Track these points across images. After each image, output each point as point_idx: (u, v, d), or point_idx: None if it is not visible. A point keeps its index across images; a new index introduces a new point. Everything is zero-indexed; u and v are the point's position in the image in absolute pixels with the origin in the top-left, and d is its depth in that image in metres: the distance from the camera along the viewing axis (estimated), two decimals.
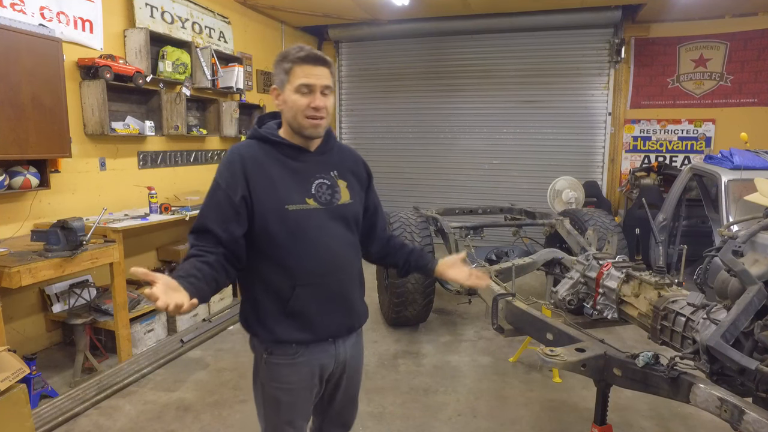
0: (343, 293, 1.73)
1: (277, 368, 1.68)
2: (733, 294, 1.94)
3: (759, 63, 6.85)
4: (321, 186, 1.68)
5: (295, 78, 1.59)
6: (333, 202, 1.69)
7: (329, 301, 1.69)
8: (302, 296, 1.64)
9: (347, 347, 1.78)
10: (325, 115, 1.63)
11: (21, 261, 3.08)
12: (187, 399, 3.40)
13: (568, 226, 4.54)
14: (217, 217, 1.57)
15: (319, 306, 1.67)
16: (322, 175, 1.69)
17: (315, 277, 1.65)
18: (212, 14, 5.84)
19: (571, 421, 3.14)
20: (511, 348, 4.16)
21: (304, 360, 1.69)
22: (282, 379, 1.68)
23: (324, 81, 1.61)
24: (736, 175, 4.02)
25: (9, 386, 2.35)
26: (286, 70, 1.61)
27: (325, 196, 1.67)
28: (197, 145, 5.72)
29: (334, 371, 1.78)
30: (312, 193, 1.65)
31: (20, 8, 3.66)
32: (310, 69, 1.59)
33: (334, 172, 1.73)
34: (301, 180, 1.66)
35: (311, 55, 1.60)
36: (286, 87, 1.61)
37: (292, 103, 1.60)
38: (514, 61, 7.76)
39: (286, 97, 1.62)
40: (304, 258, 1.63)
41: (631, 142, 7.53)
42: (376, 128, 8.46)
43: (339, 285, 1.71)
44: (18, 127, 3.37)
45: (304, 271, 1.63)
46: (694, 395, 1.74)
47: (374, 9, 6.89)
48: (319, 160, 1.72)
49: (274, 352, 1.68)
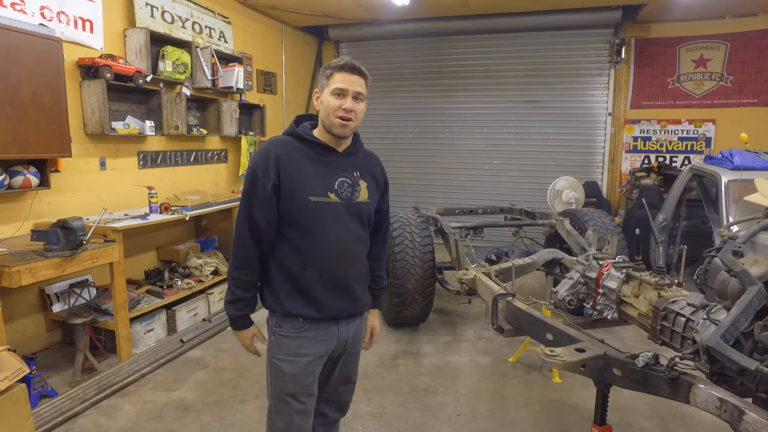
0: (348, 282, 1.91)
1: (285, 340, 1.88)
2: (733, 294, 1.94)
3: (759, 63, 6.85)
4: (343, 183, 1.87)
5: (333, 82, 1.81)
6: (352, 199, 1.88)
7: (335, 287, 1.88)
8: (312, 278, 1.83)
9: (349, 329, 1.97)
10: (353, 118, 1.82)
11: (21, 260, 3.08)
12: (187, 399, 3.40)
13: (568, 227, 4.54)
14: (257, 201, 1.80)
15: (325, 289, 1.86)
16: (345, 174, 1.89)
17: (325, 262, 1.84)
18: (212, 14, 5.84)
19: (571, 422, 3.14)
20: (511, 348, 4.16)
21: (310, 335, 1.88)
22: (288, 351, 1.87)
23: (357, 88, 1.81)
24: (736, 176, 4.02)
25: (9, 386, 2.35)
26: (327, 75, 1.83)
27: (345, 192, 1.87)
28: (197, 145, 5.72)
29: (336, 349, 1.96)
30: (334, 189, 1.85)
31: (20, 8, 3.66)
32: (346, 76, 1.80)
33: (356, 173, 1.92)
34: (326, 175, 1.85)
35: (349, 64, 1.82)
36: (325, 90, 1.83)
37: (327, 104, 1.81)
38: (515, 61, 7.76)
39: (323, 98, 1.84)
40: (318, 244, 1.83)
41: (631, 143, 7.53)
42: (377, 128, 8.45)
43: (344, 274, 1.89)
44: (18, 127, 3.37)
45: (316, 256, 1.83)
46: (694, 395, 1.74)
47: (374, 9, 6.89)
48: (345, 160, 1.91)
49: (283, 325, 1.88)
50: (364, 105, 1.87)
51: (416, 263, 4.22)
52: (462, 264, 4.20)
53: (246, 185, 1.85)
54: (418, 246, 4.28)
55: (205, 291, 4.94)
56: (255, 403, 3.34)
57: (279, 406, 1.92)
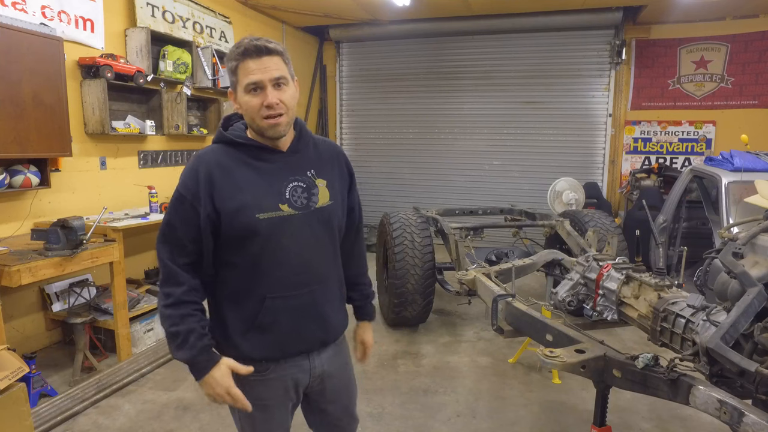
0: (317, 306, 1.60)
1: (249, 385, 1.55)
2: (733, 296, 1.94)
3: (760, 65, 6.85)
4: (296, 189, 1.53)
5: (242, 77, 1.44)
6: (310, 206, 1.55)
7: (302, 315, 1.57)
8: (272, 309, 1.52)
9: (323, 360, 1.67)
10: (283, 111, 1.47)
11: (21, 260, 3.08)
12: (187, 398, 3.40)
13: (568, 228, 4.54)
14: (187, 231, 1.47)
15: (290, 319, 1.55)
16: (296, 177, 1.55)
17: (287, 289, 1.53)
18: (213, 14, 5.84)
19: (571, 423, 3.14)
20: (510, 349, 4.16)
21: (276, 376, 1.59)
22: (255, 396, 1.56)
23: (273, 73, 1.44)
24: (737, 177, 4.02)
25: (8, 385, 2.35)
26: (232, 69, 1.47)
27: (300, 199, 1.53)
28: (198, 145, 5.71)
29: (311, 384, 1.67)
30: (286, 198, 1.51)
31: (21, 7, 3.66)
32: (254, 64, 1.42)
33: (311, 172, 1.59)
34: (273, 184, 1.51)
35: (250, 47, 1.42)
36: (237, 89, 1.48)
37: (246, 105, 1.46)
38: (515, 62, 7.76)
39: (239, 99, 1.49)
40: (276, 268, 1.51)
41: (632, 144, 7.53)
42: (377, 128, 8.46)
43: (312, 297, 1.58)
44: (19, 126, 3.37)
45: (275, 282, 1.52)
46: (694, 397, 1.74)
47: (375, 9, 6.89)
48: (293, 159, 1.57)
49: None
50: (291, 88, 1.50)
51: (416, 264, 4.22)
52: (462, 264, 4.20)
53: (170, 212, 1.49)
54: (418, 246, 4.28)
55: None
56: None
57: None
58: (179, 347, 1.47)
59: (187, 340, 1.46)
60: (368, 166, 8.47)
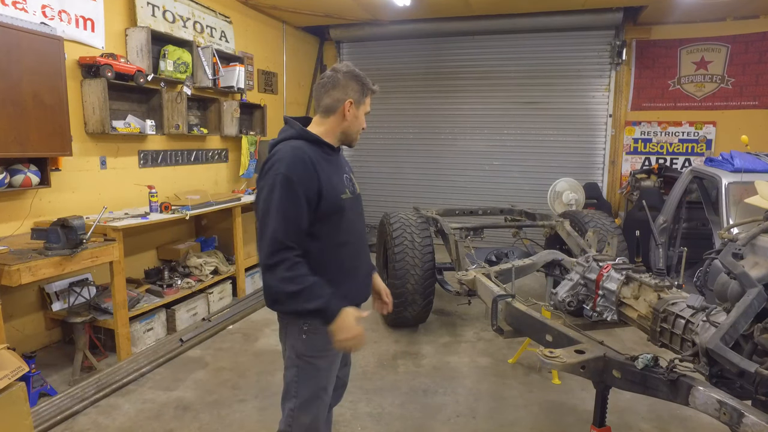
0: (366, 270, 2.11)
1: (316, 338, 1.88)
2: (733, 297, 1.94)
3: (760, 66, 6.85)
4: (349, 179, 2.02)
5: (368, 104, 2.01)
6: (356, 192, 2.04)
7: (360, 275, 2.06)
8: (344, 271, 1.95)
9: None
10: None
11: (21, 259, 3.08)
12: (186, 398, 3.40)
13: (568, 228, 4.54)
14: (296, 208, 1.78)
15: (353, 279, 2.01)
16: (346, 170, 2.05)
17: (353, 255, 2.00)
18: (214, 13, 5.84)
19: (570, 423, 3.14)
20: (510, 349, 4.16)
21: None
22: (322, 348, 1.90)
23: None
24: (737, 178, 4.02)
25: (8, 384, 2.35)
26: (365, 94, 1.98)
27: (352, 186, 2.02)
28: (198, 145, 5.72)
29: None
30: (345, 185, 1.97)
31: (22, 6, 3.66)
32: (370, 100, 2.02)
33: (348, 167, 2.10)
34: (339, 173, 1.97)
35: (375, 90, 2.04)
36: (360, 108, 1.98)
37: (357, 121, 1.98)
38: (515, 62, 7.76)
39: (358, 114, 1.98)
40: (349, 238, 1.95)
41: (632, 144, 7.53)
42: (377, 128, 8.45)
43: (365, 263, 2.09)
44: (19, 126, 3.37)
45: (347, 249, 1.95)
46: (694, 398, 1.74)
47: (376, 9, 6.89)
48: (340, 157, 2.06)
49: (313, 323, 1.86)
50: None
51: (416, 264, 4.22)
52: (462, 265, 4.20)
53: (280, 192, 1.76)
54: (418, 247, 4.28)
55: (205, 290, 4.94)
56: (254, 402, 3.34)
57: (309, 403, 1.93)
58: (309, 299, 1.76)
59: (315, 291, 1.77)
60: (368, 165, 8.47)
